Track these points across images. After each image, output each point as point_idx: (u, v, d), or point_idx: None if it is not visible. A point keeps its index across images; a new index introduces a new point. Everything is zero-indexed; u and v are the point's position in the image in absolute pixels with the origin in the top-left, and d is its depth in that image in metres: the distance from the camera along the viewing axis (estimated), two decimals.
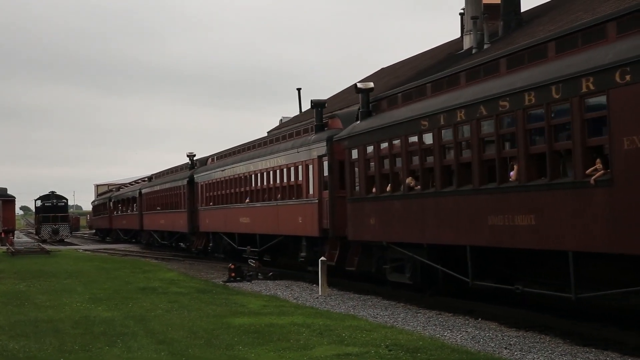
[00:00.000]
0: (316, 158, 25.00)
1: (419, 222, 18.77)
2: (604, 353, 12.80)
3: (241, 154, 34.51)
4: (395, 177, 20.06)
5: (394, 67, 50.58)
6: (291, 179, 27.36)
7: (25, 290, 23.11)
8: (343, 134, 22.82)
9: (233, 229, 34.55)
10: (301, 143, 26.53)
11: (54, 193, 78.58)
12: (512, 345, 13.65)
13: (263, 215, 30.22)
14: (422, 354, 12.24)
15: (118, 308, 18.52)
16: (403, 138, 19.30)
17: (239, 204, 33.27)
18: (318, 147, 24.91)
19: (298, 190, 26.68)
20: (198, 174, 41.12)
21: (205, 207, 39.18)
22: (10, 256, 41.95)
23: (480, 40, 35.68)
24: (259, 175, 30.87)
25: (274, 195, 29.14)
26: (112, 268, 32.32)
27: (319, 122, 26.04)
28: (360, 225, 21.72)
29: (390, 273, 20.90)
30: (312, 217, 25.15)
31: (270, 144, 30.88)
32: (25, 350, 13.02)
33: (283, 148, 28.28)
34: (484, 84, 16.57)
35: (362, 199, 21.59)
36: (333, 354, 12.33)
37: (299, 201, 26.49)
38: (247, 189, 32.29)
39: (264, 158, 30.11)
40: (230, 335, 14.19)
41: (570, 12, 30.78)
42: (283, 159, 28.03)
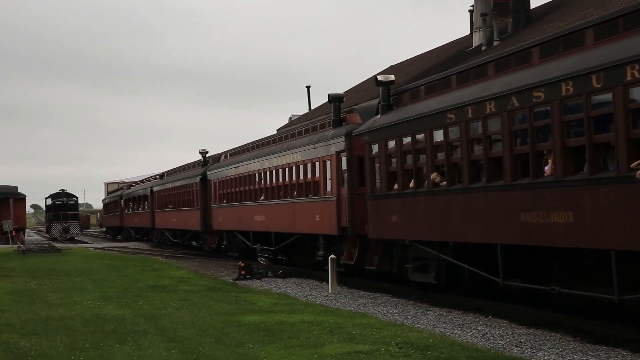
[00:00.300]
0: (334, 154, 24.27)
1: (445, 219, 18.03)
2: (615, 351, 12.75)
3: (255, 150, 33.68)
4: (418, 172, 19.31)
5: (403, 64, 50.52)
6: (308, 176, 26.59)
7: (36, 289, 23.20)
8: (362, 129, 22.08)
9: (247, 227, 33.83)
10: (318, 139, 25.79)
11: (64, 191, 78.85)
12: (523, 343, 13.62)
13: (278, 213, 29.45)
14: (432, 352, 12.22)
15: (128, 306, 18.56)
16: (427, 132, 18.46)
17: (254, 202, 32.49)
18: (336, 142, 24.17)
19: (315, 188, 25.97)
20: (211, 171, 40.19)
21: (218, 204, 38.36)
22: (21, 254, 42.12)
23: (489, 38, 35.61)
24: (274, 172, 30.04)
25: (289, 192, 28.40)
26: (122, 266, 32.42)
27: (336, 116, 25.31)
28: (381, 223, 20.99)
29: (413, 273, 20.17)
30: (330, 215, 24.45)
31: (285, 139, 30.07)
32: (37, 348, 13.07)
33: (299, 144, 27.50)
34: (515, 74, 15.82)
35: (384, 196, 20.82)
36: (343, 351, 12.33)
37: (316, 199, 25.77)
38: (262, 186, 31.51)
39: (280, 154, 29.35)
40: (241, 333, 14.20)
41: (580, 8, 30.67)
42: (299, 155, 27.25)
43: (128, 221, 68.63)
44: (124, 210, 70.50)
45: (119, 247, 54.70)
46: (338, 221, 23.86)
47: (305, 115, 53.98)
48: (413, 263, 20.14)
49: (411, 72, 42.92)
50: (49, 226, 77.14)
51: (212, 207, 39.57)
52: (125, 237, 70.54)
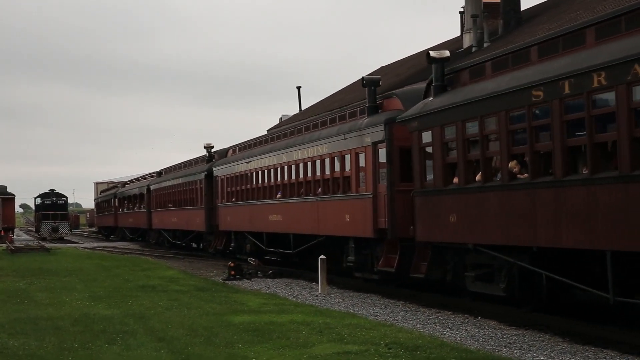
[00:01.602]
0: (370, 145, 21.38)
1: (527, 219, 14.98)
2: (604, 352, 12.80)
3: (270, 143, 30.50)
4: (487, 163, 16.27)
5: (394, 65, 50.57)
6: (336, 171, 23.82)
7: (25, 288, 23.12)
8: (409, 114, 19.06)
9: (261, 227, 30.87)
10: (349, 128, 22.85)
11: (53, 191, 78.71)
12: (512, 343, 13.66)
13: (299, 212, 26.67)
14: (421, 352, 12.24)
15: (118, 306, 18.53)
16: (502, 114, 15.42)
17: (269, 200, 29.65)
18: (373, 131, 21.25)
19: (345, 184, 23.22)
20: (217, 167, 37.05)
21: (226, 203, 35.49)
22: (10, 254, 41.95)
23: (480, 39, 35.67)
24: (293, 167, 27.16)
25: (313, 189, 25.57)
26: (111, 266, 32.34)
27: (372, 103, 22.25)
28: (434, 223, 18.16)
29: (473, 282, 17.48)
30: (364, 214, 21.61)
31: (306, 131, 27.05)
32: (25, 348, 13.03)
33: (325, 135, 24.58)
34: (627, 39, 12.98)
35: (438, 192, 18.01)
36: (333, 352, 12.34)
37: (346, 196, 22.99)
38: (279, 182, 28.66)
39: (301, 147, 26.46)
40: (230, 333, 14.19)
41: (569, 10, 30.77)
42: (326, 147, 24.37)
43: (122, 221, 66.36)
44: (118, 209, 68.19)
45: (108, 246, 54.57)
46: (374, 222, 21.11)
47: (296, 115, 53.98)
48: (473, 271, 17.43)
49: (402, 73, 42.98)
50: (38, 226, 76.94)
51: (218, 205, 36.72)
52: (120, 237, 68.67)
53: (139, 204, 58.18)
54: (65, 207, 78.30)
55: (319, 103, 53.25)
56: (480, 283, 17.32)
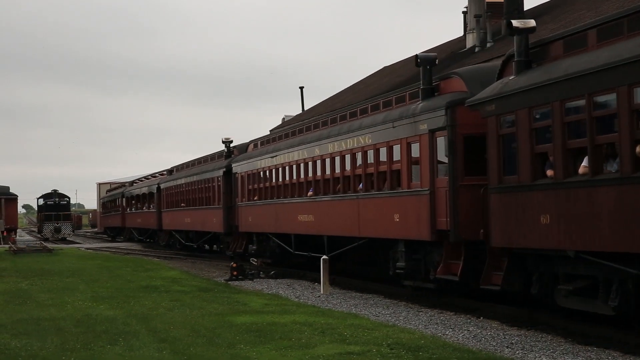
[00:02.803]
0: (426, 133, 18.50)
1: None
2: (606, 352, 12.80)
3: (300, 135, 27.63)
4: (597, 151, 13.35)
5: (396, 65, 50.57)
6: (381, 164, 20.90)
7: (28, 289, 23.14)
8: (484, 96, 16.15)
9: (288, 229, 27.94)
10: (400, 115, 19.90)
11: (56, 192, 78.84)
12: (514, 344, 13.65)
13: (335, 211, 23.79)
14: (423, 353, 12.24)
15: (120, 307, 18.53)
16: (625, 90, 12.55)
17: (298, 198, 26.84)
18: (430, 117, 18.42)
19: (393, 179, 20.29)
20: (237, 163, 33.98)
21: (246, 202, 32.46)
22: (13, 254, 41.99)
23: (483, 39, 35.69)
24: (328, 161, 24.29)
25: (352, 186, 22.67)
26: (114, 266, 32.35)
27: (427, 84, 19.28)
28: (517, 226, 15.14)
29: (566, 297, 14.71)
30: (418, 214, 18.81)
31: (342, 121, 24.19)
32: (27, 348, 13.03)
33: (368, 124, 21.69)
34: None
35: (524, 188, 14.96)
36: (335, 352, 12.34)
37: (395, 193, 20.05)
38: (310, 178, 25.84)
39: (337, 138, 23.58)
40: (232, 333, 14.19)
41: (573, 10, 30.76)
42: (369, 137, 21.48)
43: (130, 221, 63.24)
44: (125, 209, 65.06)
45: (110, 247, 54.58)
46: (431, 222, 18.23)
47: (299, 115, 53.99)
48: (569, 284, 14.68)
49: (404, 73, 42.98)
50: (41, 226, 77.01)
51: (238, 205, 33.64)
52: (127, 238, 66.18)
53: (148, 204, 55.46)
54: (67, 208, 78.33)
55: (322, 103, 53.27)
56: (576, 298, 14.58)
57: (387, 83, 42.06)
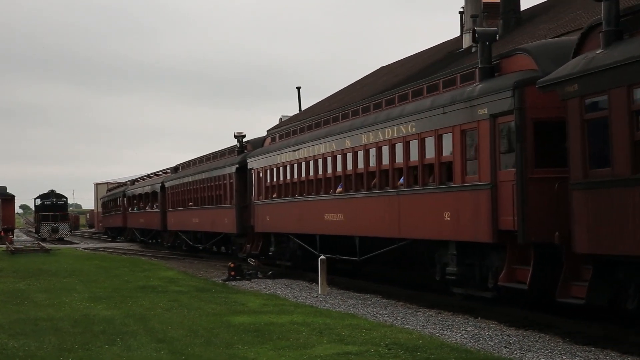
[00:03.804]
0: (487, 119, 16.14)
1: None
2: (604, 352, 12.81)
3: (326, 127, 25.27)
4: None
5: (393, 66, 50.59)
6: (428, 156, 18.58)
7: (25, 289, 23.12)
8: (561, 74, 13.75)
9: (312, 229, 25.60)
10: (451, 99, 17.58)
11: (53, 192, 78.81)
12: (512, 344, 13.66)
13: (369, 210, 21.51)
14: (421, 353, 12.25)
15: (118, 307, 18.52)
16: None
17: (324, 195, 24.54)
18: (492, 100, 16.08)
19: (443, 172, 18.03)
20: (253, 159, 31.68)
21: (264, 200, 30.14)
22: (10, 255, 41.96)
23: None
24: (361, 154, 21.98)
25: (391, 180, 20.32)
26: (111, 267, 32.34)
27: (486, 63, 16.97)
28: (609, 228, 12.77)
29: None
30: (476, 212, 16.58)
31: (377, 109, 21.77)
32: (25, 348, 13.03)
33: (411, 110, 19.34)
34: None
35: (620, 182, 12.60)
36: (333, 352, 12.34)
37: (446, 188, 17.82)
38: (339, 173, 23.48)
39: (372, 128, 21.21)
40: (230, 334, 14.19)
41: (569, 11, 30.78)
42: (412, 126, 19.14)
43: (132, 221, 60.86)
44: (127, 209, 62.82)
45: (108, 247, 54.52)
46: (493, 221, 15.97)
47: (296, 115, 53.98)
48: None
49: (400, 73, 43.00)
50: (38, 226, 76.93)
51: (254, 203, 31.35)
52: (129, 239, 64.16)
53: (152, 203, 53.26)
54: (65, 208, 78.28)
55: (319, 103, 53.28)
56: None
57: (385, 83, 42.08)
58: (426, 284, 20.75)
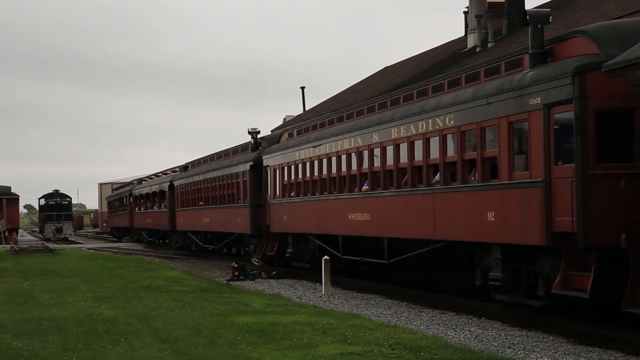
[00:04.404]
0: (540, 109, 14.71)
1: None
2: (608, 352, 12.79)
3: (349, 121, 23.85)
4: None
5: (397, 66, 50.59)
6: (468, 150, 17.16)
7: (29, 289, 23.15)
8: (632, 57, 12.43)
9: (335, 229, 24.09)
10: (497, 88, 16.11)
11: (57, 192, 78.96)
12: (516, 344, 13.65)
13: (400, 209, 20.04)
14: (425, 353, 12.24)
15: (121, 307, 18.53)
16: None
17: (349, 194, 23.08)
18: (547, 89, 14.60)
19: (487, 168, 16.56)
20: (269, 155, 30.26)
21: (281, 199, 28.79)
22: (14, 255, 42.02)
23: (484, 39, 35.68)
24: (390, 150, 20.56)
25: (425, 178, 18.85)
26: (115, 267, 32.36)
27: (538, 48, 15.42)
28: None
29: None
30: (526, 211, 15.13)
31: (407, 101, 20.30)
32: (29, 348, 13.04)
33: (449, 102, 17.87)
34: None
35: None
36: (336, 352, 12.34)
37: (490, 186, 16.30)
38: (366, 170, 22.03)
39: (405, 121, 19.71)
40: (234, 334, 14.20)
41: (573, 11, 30.75)
42: (450, 118, 17.69)
43: (139, 221, 59.35)
44: (133, 208, 61.48)
45: (112, 247, 54.57)
46: (547, 222, 14.51)
47: (300, 116, 53.99)
48: None
49: (404, 73, 43.01)
50: (42, 226, 77.09)
51: (269, 202, 29.90)
52: (136, 239, 62.80)
53: (159, 203, 52.03)
54: (69, 208, 78.39)
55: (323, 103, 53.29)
56: None
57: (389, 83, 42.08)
58: (461, 289, 19.74)
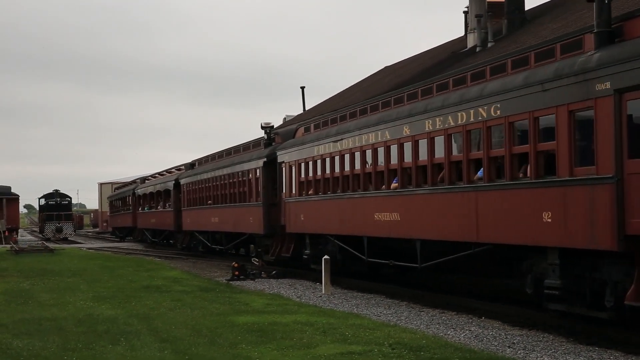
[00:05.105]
0: (609, 95, 13.06)
1: None
2: (607, 352, 12.80)
3: (374, 113, 22.10)
4: None
5: (397, 65, 50.58)
6: (517, 144, 15.48)
7: (29, 289, 23.16)
8: None
9: (359, 230, 22.45)
10: (555, 72, 14.39)
11: (57, 191, 79.02)
12: (516, 344, 13.65)
13: (436, 208, 18.45)
14: (425, 353, 12.24)
15: (121, 306, 18.54)
16: None
17: (375, 192, 21.39)
18: (617, 72, 13.00)
19: (541, 163, 14.85)
20: (284, 151, 28.64)
21: (297, 197, 27.26)
22: (14, 254, 42.02)
23: (484, 39, 35.65)
24: (423, 144, 18.92)
25: (465, 174, 17.20)
26: (115, 266, 32.37)
27: (605, 26, 13.93)
28: None
29: None
30: (591, 211, 13.49)
31: (440, 91, 18.70)
32: (29, 348, 13.05)
33: (496, 89, 16.10)
34: None
35: None
36: (336, 352, 12.34)
37: (547, 183, 14.56)
38: (395, 166, 20.30)
39: (442, 112, 17.96)
40: (234, 333, 14.20)
41: (574, 10, 30.74)
42: (496, 108, 15.98)
43: (143, 221, 57.51)
44: (137, 208, 59.84)
45: (112, 247, 54.56)
46: (618, 224, 12.95)
47: (300, 115, 54.00)
48: None
49: (405, 73, 43.01)
50: (42, 226, 77.10)
51: (285, 201, 28.42)
52: (139, 239, 61.10)
53: (164, 202, 50.26)
54: (69, 208, 78.42)
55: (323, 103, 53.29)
56: None
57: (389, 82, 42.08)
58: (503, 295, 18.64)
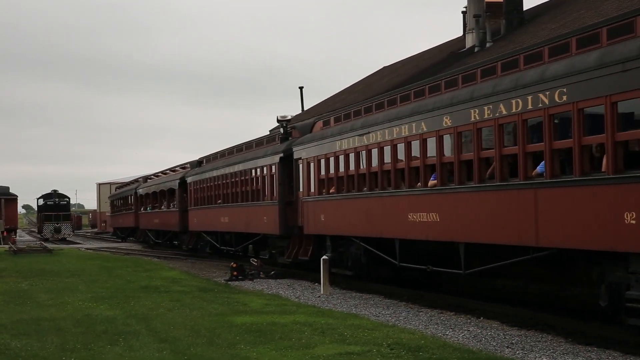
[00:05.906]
0: None
1: None
2: (606, 352, 12.79)
3: (407, 103, 19.99)
4: None
5: (396, 65, 50.59)
6: (588, 134, 13.43)
7: (28, 289, 23.14)
8: None
9: (390, 232, 20.38)
10: (629, 52, 12.40)
11: (56, 192, 79.03)
12: (514, 344, 13.65)
13: (482, 208, 16.36)
14: (423, 353, 12.24)
15: (120, 307, 18.53)
16: None
17: (409, 190, 19.28)
18: None
19: (620, 157, 12.76)
20: (301, 147, 26.52)
21: (317, 196, 25.20)
22: (13, 255, 41.99)
23: (482, 39, 35.70)
24: (468, 135, 16.78)
25: (520, 170, 15.00)
26: (114, 267, 32.36)
27: None
28: None
29: None
30: None
31: (487, 76, 16.57)
32: (27, 349, 13.04)
33: (559, 72, 13.91)
34: None
35: None
36: (335, 352, 12.34)
37: (629, 179, 12.44)
38: (433, 161, 18.13)
39: (490, 100, 15.81)
40: (232, 334, 14.20)
41: (572, 10, 30.78)
42: (559, 93, 13.83)
43: (146, 222, 55.37)
44: (139, 208, 57.87)
45: (110, 247, 54.54)
46: None
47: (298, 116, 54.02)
48: None
49: (403, 73, 43.03)
50: (41, 227, 77.05)
51: (302, 200, 26.40)
52: (142, 240, 58.71)
53: (168, 202, 48.33)
54: (67, 208, 78.43)
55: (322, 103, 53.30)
56: None
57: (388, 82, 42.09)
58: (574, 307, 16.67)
